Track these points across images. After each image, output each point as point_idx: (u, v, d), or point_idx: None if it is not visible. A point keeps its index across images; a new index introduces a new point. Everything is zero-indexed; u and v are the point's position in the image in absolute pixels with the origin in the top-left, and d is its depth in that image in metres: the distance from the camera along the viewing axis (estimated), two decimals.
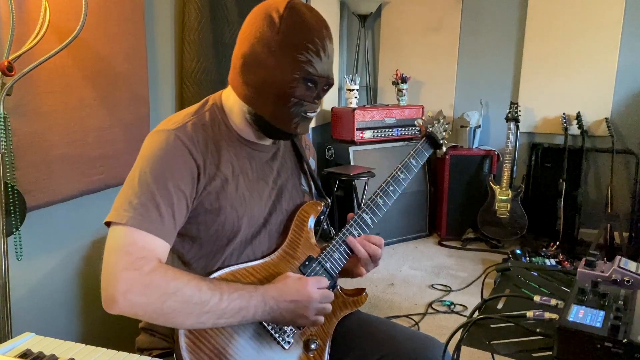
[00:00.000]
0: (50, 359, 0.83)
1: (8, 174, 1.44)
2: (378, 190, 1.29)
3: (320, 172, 3.69)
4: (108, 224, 1.00)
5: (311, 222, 1.23)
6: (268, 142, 1.21)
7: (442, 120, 1.43)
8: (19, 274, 1.60)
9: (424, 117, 1.42)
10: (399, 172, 1.32)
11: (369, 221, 1.26)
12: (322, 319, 1.12)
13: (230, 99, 1.16)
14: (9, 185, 1.44)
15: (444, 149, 1.42)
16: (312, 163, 1.36)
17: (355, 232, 1.24)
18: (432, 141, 1.39)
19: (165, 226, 1.00)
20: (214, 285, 1.00)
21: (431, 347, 1.19)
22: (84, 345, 0.88)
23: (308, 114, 1.10)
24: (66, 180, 1.69)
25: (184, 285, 0.96)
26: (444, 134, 1.42)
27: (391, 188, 1.30)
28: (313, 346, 1.15)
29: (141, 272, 0.94)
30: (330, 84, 1.13)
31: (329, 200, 1.31)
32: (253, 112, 1.11)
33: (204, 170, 1.07)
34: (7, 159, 1.43)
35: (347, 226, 1.24)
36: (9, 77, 1.38)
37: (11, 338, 1.09)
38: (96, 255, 1.92)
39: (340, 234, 1.23)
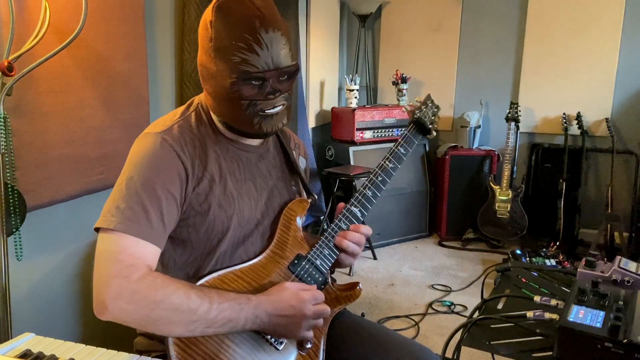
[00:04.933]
0: (50, 359, 0.83)
1: (8, 174, 1.44)
2: (366, 182, 1.24)
3: (320, 172, 3.69)
4: (98, 229, 1.00)
5: (299, 220, 1.20)
6: (256, 142, 1.19)
7: (429, 105, 1.35)
8: (19, 274, 1.60)
9: (411, 103, 1.35)
10: (387, 162, 1.26)
11: (359, 214, 1.22)
12: (312, 334, 1.10)
13: None
14: (9, 185, 1.44)
15: (434, 133, 1.34)
16: (303, 162, 1.34)
17: (344, 226, 1.20)
18: (420, 127, 1.32)
19: (154, 230, 0.99)
20: (203, 294, 0.99)
21: (425, 358, 1.18)
22: (84, 345, 0.88)
23: (266, 111, 1.06)
24: (66, 180, 1.69)
25: (172, 293, 0.96)
26: (432, 118, 1.34)
27: (379, 179, 1.24)
28: (307, 345, 1.13)
29: (129, 280, 0.94)
30: (288, 72, 1.06)
31: (316, 197, 1.28)
32: (219, 119, 1.13)
33: (192, 172, 1.07)
34: (7, 159, 1.43)
35: (336, 220, 1.21)
36: (9, 77, 1.37)
37: (11, 338, 1.09)
38: None
39: (329, 229, 1.20)
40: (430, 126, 1.32)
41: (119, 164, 1.90)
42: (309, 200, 1.25)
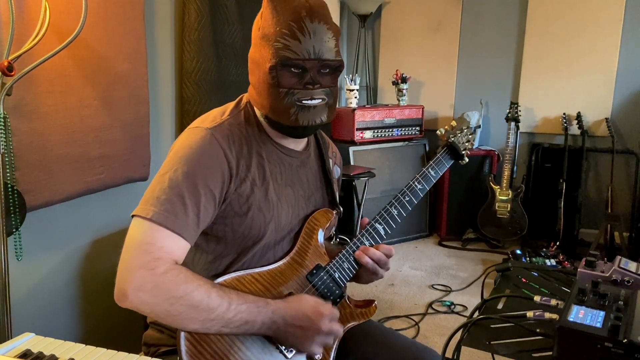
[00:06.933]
0: (50, 359, 0.83)
1: (8, 174, 1.44)
2: (393, 200, 1.24)
3: None
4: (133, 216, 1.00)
5: (321, 231, 1.20)
6: (299, 147, 1.19)
7: (465, 130, 1.38)
8: (19, 274, 1.60)
9: (446, 127, 1.36)
10: (416, 183, 1.26)
11: (382, 232, 1.22)
12: (321, 350, 1.09)
13: None
14: (9, 185, 1.44)
15: (466, 160, 1.35)
16: (337, 171, 1.34)
17: (367, 242, 1.20)
18: (453, 152, 1.34)
19: (188, 225, 1.00)
20: (223, 293, 0.99)
21: (429, 358, 1.19)
22: (84, 345, 0.88)
23: (303, 102, 1.06)
24: (66, 180, 1.69)
25: (194, 290, 0.96)
26: (466, 144, 1.36)
27: (407, 198, 1.25)
28: (317, 357, 1.12)
29: (154, 273, 0.94)
30: (331, 66, 1.07)
31: (341, 210, 1.28)
32: (261, 113, 1.13)
33: (237, 172, 1.07)
34: (7, 159, 1.43)
35: (359, 236, 1.21)
36: (9, 77, 1.37)
37: (11, 338, 1.09)
38: (96, 255, 1.92)
39: (351, 244, 1.20)
40: (463, 152, 1.34)
41: (119, 164, 1.92)
42: (334, 213, 1.24)
